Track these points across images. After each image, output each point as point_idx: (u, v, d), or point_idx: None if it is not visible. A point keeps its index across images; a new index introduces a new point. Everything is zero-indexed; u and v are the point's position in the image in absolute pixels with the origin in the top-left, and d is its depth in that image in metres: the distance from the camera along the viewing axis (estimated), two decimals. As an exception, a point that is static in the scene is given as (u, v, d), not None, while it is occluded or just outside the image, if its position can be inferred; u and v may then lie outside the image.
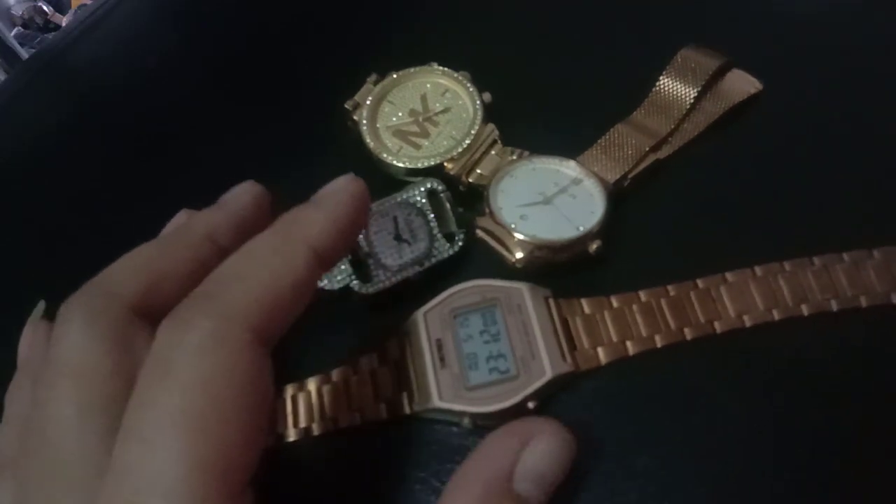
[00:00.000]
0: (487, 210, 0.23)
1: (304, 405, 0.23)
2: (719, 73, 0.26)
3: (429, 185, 0.24)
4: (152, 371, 0.15)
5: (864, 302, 0.21)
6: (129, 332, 0.16)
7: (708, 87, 0.26)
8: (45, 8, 0.44)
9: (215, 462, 0.14)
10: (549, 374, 0.20)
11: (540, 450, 0.18)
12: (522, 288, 0.22)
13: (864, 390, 0.21)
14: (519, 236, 0.22)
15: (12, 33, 0.44)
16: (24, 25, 0.44)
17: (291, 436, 0.22)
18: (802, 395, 0.21)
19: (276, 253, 0.17)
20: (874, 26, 0.29)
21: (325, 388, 0.23)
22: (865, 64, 0.27)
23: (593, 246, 0.22)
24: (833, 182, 0.25)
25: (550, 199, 0.23)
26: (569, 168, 0.24)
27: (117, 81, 0.32)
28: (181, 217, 0.21)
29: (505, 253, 0.22)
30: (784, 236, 0.23)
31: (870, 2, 0.29)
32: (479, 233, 0.23)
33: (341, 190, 0.19)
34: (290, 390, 0.23)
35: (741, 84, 0.26)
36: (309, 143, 0.28)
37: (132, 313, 0.17)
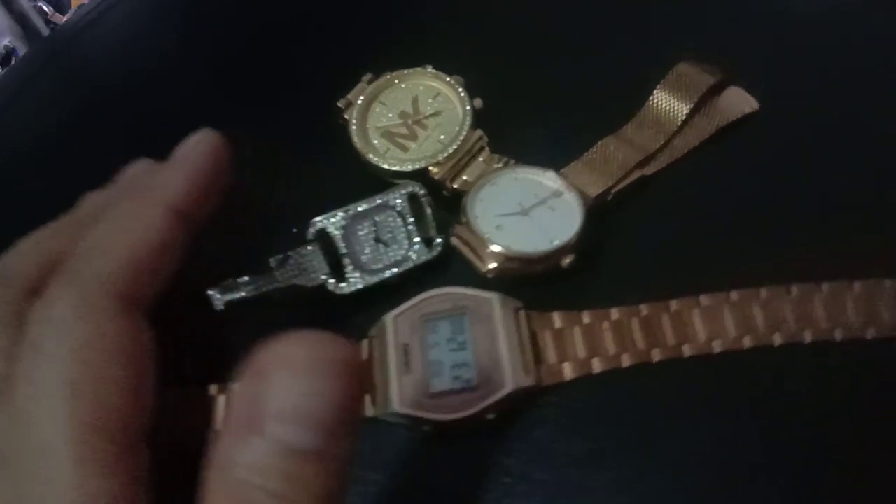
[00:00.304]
0: (464, 218, 0.23)
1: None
2: (716, 90, 0.26)
3: (410, 189, 0.24)
4: (25, 349, 0.16)
5: (838, 335, 0.21)
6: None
7: (702, 104, 0.25)
8: (45, 8, 0.45)
9: (95, 423, 0.15)
10: (509, 387, 0.20)
11: (282, 386, 0.14)
12: (493, 298, 0.22)
13: (828, 429, 0.20)
14: (492, 247, 0.22)
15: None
16: (25, 26, 0.45)
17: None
18: (766, 425, 0.20)
19: (134, 218, 0.18)
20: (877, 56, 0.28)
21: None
22: (866, 83, 0.27)
23: (566, 260, 0.22)
24: (823, 209, 0.24)
25: (528, 211, 0.23)
26: (551, 180, 0.24)
27: (116, 81, 0.32)
28: (141, 167, 0.22)
29: (477, 262, 0.22)
30: (767, 262, 0.23)
31: (870, 15, 0.28)
32: (454, 240, 0.23)
33: (195, 147, 0.19)
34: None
35: (737, 102, 0.26)
36: (307, 142, 0.29)
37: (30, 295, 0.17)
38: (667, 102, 0.25)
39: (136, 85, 0.31)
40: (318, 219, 0.24)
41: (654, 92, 0.26)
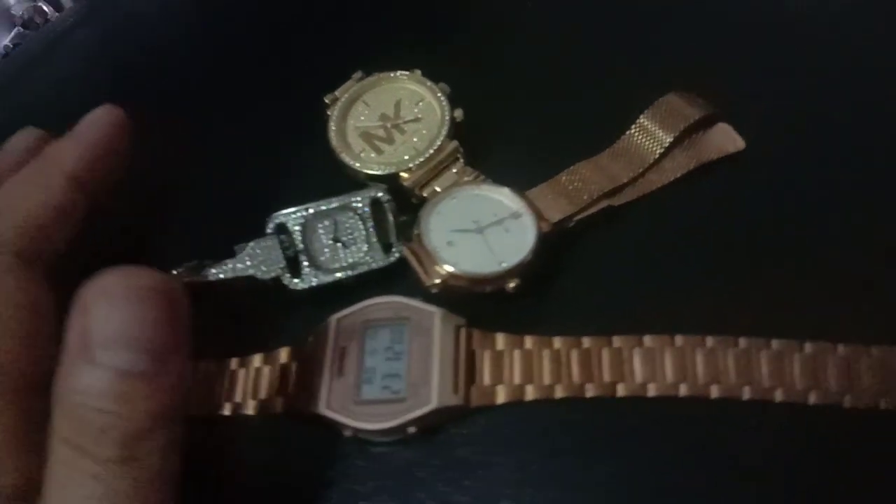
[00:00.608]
0: (416, 230, 0.23)
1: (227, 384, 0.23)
2: (704, 124, 0.25)
3: (373, 193, 0.24)
4: None
5: (778, 396, 0.20)
6: None
7: (685, 137, 0.25)
8: (45, 8, 0.46)
9: None
10: (433, 404, 0.21)
11: (104, 316, 0.16)
12: (435, 312, 0.22)
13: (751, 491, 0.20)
14: (438, 264, 0.22)
15: (12, 33, 0.46)
16: (24, 25, 0.46)
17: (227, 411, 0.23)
18: (686, 476, 0.20)
19: (33, 184, 0.20)
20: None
21: (241, 372, 0.24)
22: (844, 133, 0.26)
23: (511, 284, 0.22)
24: (790, 266, 0.23)
25: (483, 229, 0.23)
26: (512, 200, 0.23)
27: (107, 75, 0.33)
28: (25, 135, 0.23)
29: (423, 276, 0.22)
30: (724, 310, 0.22)
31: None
32: (405, 250, 0.23)
33: (94, 121, 0.21)
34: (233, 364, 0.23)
35: (722, 140, 0.25)
36: (297, 134, 0.29)
37: None
38: (646, 134, 0.25)
39: (135, 73, 0.32)
40: (278, 213, 0.24)
41: (638, 120, 0.25)
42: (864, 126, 0.26)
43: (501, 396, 0.22)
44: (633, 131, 0.25)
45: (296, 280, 0.24)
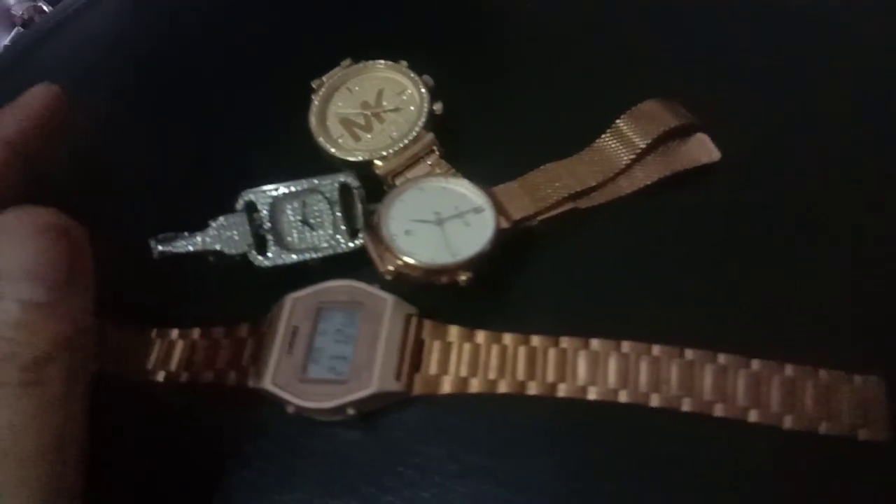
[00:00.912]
0: (376, 217, 0.23)
1: (178, 351, 0.24)
2: (680, 133, 0.25)
3: (342, 179, 0.25)
4: None
5: (719, 411, 0.20)
6: None
7: (659, 144, 0.25)
8: (45, 8, 0.47)
9: None
10: (373, 388, 0.21)
11: (6, 251, 0.17)
12: (388, 299, 0.22)
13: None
14: (391, 252, 0.22)
15: (12, 33, 0.47)
16: (24, 25, 0.47)
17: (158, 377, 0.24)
18: (617, 483, 0.20)
19: None
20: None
21: (200, 342, 0.24)
22: (821, 152, 0.25)
23: (463, 277, 0.22)
24: (751, 281, 0.23)
25: (442, 221, 0.23)
26: (476, 195, 0.23)
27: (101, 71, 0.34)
28: None
29: (378, 263, 0.23)
30: (676, 320, 0.22)
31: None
32: (364, 237, 0.23)
33: (33, 96, 0.22)
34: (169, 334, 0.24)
35: (697, 151, 0.25)
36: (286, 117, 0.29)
37: None
38: (620, 138, 0.24)
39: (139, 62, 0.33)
40: (248, 190, 0.25)
41: (615, 123, 0.25)
42: (841, 150, 0.26)
43: (445, 387, 0.22)
44: (607, 135, 0.25)
45: (260, 258, 0.24)
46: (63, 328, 0.18)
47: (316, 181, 0.25)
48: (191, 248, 0.25)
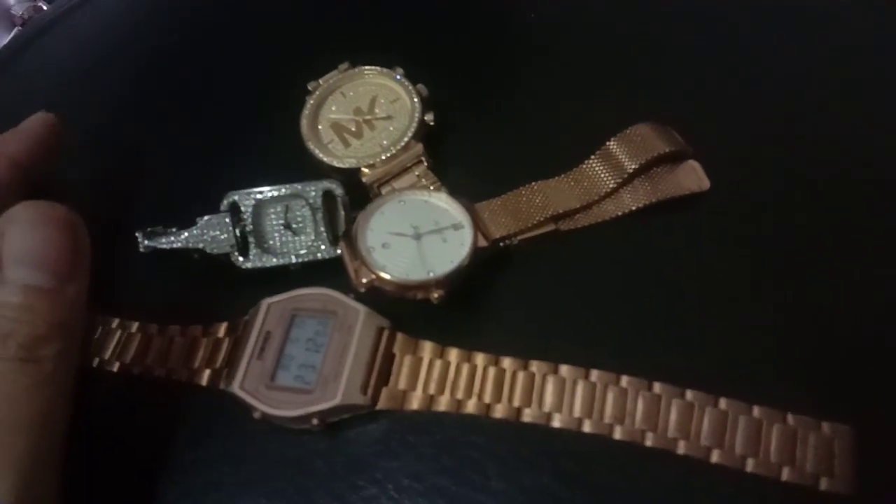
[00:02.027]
0: (355, 228, 0.23)
1: (155, 347, 0.24)
2: (672, 158, 0.24)
3: (325, 185, 0.25)
4: None
5: (681, 449, 0.20)
6: None
7: (648, 169, 0.24)
8: (44, 8, 0.47)
9: None
10: (337, 400, 0.21)
11: (14, 238, 0.19)
12: (360, 311, 0.22)
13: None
14: (366, 265, 0.22)
15: (12, 33, 0.48)
16: (24, 25, 0.48)
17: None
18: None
19: None
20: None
21: (178, 340, 0.24)
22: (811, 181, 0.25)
23: (435, 294, 0.22)
24: (728, 316, 0.23)
25: (420, 236, 0.23)
26: (457, 211, 0.23)
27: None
28: None
29: (352, 275, 0.23)
30: (651, 353, 0.22)
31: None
32: (341, 247, 0.23)
33: (33, 121, 0.25)
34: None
35: (686, 179, 0.24)
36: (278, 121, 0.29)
37: None
38: (609, 161, 0.24)
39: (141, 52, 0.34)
40: (232, 192, 0.25)
41: (604, 145, 0.24)
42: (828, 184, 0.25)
43: (413, 403, 0.22)
44: (596, 156, 0.24)
45: (241, 259, 0.25)
46: (61, 313, 0.19)
47: (300, 186, 0.25)
48: (175, 245, 0.25)
